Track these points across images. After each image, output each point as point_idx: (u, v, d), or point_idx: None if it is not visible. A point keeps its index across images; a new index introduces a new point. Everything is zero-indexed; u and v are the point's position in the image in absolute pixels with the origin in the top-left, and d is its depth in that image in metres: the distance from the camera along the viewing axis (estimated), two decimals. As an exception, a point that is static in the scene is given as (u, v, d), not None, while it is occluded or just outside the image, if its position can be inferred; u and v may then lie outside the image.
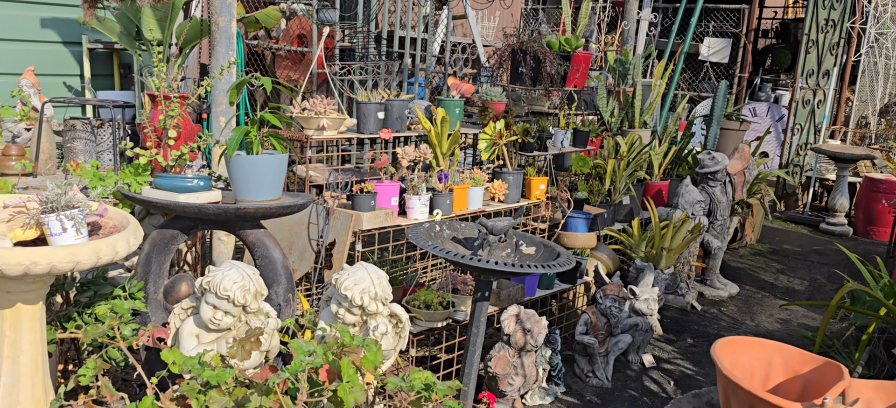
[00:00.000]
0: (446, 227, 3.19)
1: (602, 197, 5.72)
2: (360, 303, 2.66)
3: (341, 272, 2.72)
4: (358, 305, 2.66)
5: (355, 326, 2.76)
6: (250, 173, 2.77)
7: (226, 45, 3.65)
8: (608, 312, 4.09)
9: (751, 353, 2.98)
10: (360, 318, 2.74)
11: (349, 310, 2.70)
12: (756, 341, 3.03)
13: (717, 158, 5.79)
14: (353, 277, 2.68)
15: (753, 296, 6.07)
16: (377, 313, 2.72)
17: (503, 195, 4.36)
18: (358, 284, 2.67)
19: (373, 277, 2.71)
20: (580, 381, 4.15)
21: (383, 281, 2.73)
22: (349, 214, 3.45)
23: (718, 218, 5.90)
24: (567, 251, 3.05)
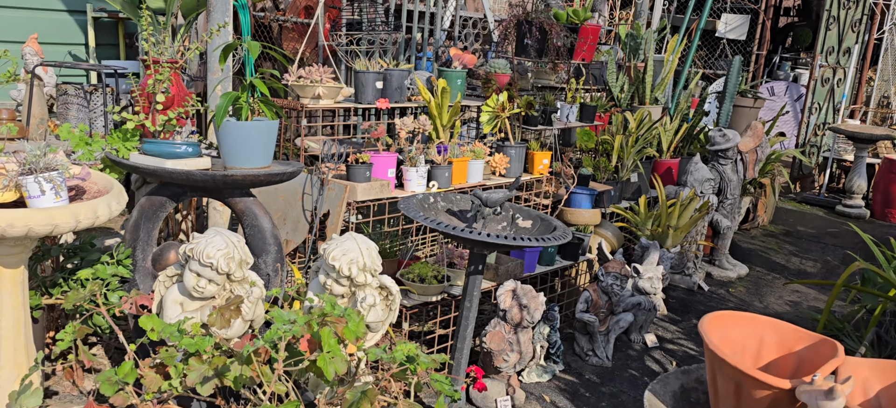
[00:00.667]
0: (440, 199, 3.12)
1: (609, 174, 5.62)
2: (348, 273, 2.60)
3: (330, 242, 2.66)
4: (346, 275, 2.61)
5: (344, 297, 2.71)
6: (239, 140, 2.72)
7: (221, 11, 3.58)
8: (610, 289, 4.01)
9: (742, 328, 2.89)
10: (349, 289, 2.69)
11: (337, 281, 2.65)
12: (747, 316, 2.94)
13: (728, 136, 5.66)
14: (341, 247, 2.63)
15: (763, 277, 5.96)
16: (365, 284, 2.67)
17: (504, 169, 4.28)
18: (346, 255, 2.61)
19: (361, 247, 2.65)
20: (580, 359, 4.09)
21: (372, 252, 2.67)
22: (344, 185, 3.39)
23: (728, 197, 5.78)
24: (564, 226, 2.97)
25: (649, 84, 6.59)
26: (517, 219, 3.13)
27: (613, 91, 6.65)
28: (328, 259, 2.61)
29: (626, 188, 5.84)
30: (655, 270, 4.40)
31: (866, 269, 3.77)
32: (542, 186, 4.72)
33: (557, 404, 3.56)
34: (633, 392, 3.77)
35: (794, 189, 9.85)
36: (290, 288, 2.70)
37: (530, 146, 4.57)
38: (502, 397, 3.40)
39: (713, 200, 5.54)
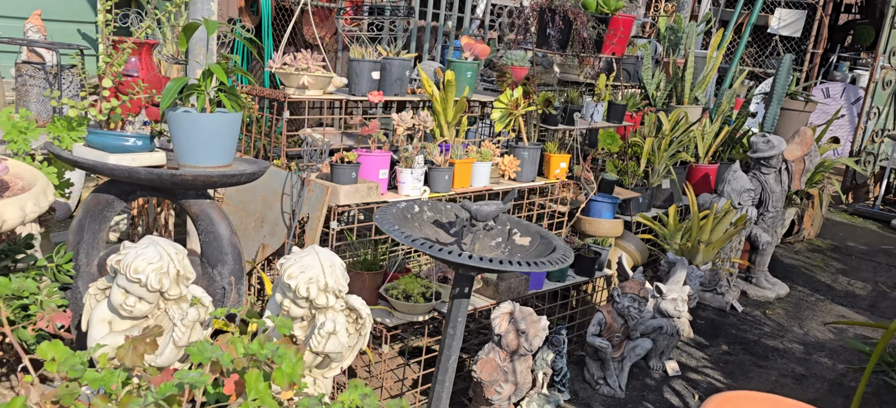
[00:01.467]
0: (428, 207, 2.75)
1: (638, 180, 5.16)
2: (306, 294, 2.26)
3: (287, 257, 2.32)
4: (303, 296, 2.26)
5: (303, 320, 2.36)
6: (192, 134, 2.39)
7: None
8: (625, 312, 3.59)
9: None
10: (309, 311, 2.34)
11: (295, 301, 2.30)
12: (765, 398, 2.45)
13: (772, 142, 5.15)
14: (299, 264, 2.28)
15: (805, 299, 5.43)
16: (327, 306, 2.32)
17: (514, 173, 3.88)
18: (304, 272, 2.26)
19: (324, 263, 2.30)
20: (589, 388, 3.68)
21: (337, 269, 2.32)
22: (325, 187, 3.04)
23: (770, 210, 5.27)
24: (566, 247, 2.57)
25: (689, 82, 6.08)
26: (514, 235, 2.74)
27: (648, 89, 6.16)
28: (284, 277, 2.26)
29: (656, 196, 5.38)
30: (681, 291, 3.95)
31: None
32: (558, 191, 4.30)
33: (557, 442, 3.17)
34: (647, 430, 3.35)
35: (846, 200, 9.18)
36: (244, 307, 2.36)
37: (547, 148, 4.16)
38: (494, 432, 3.02)
39: (752, 213, 5.04)
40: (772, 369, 4.15)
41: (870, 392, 3.98)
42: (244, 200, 3.31)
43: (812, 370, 4.19)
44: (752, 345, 4.45)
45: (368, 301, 3.11)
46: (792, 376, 4.10)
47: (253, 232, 3.25)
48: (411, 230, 2.62)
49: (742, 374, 4.04)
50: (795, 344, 4.54)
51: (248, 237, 3.26)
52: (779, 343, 4.52)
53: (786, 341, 4.58)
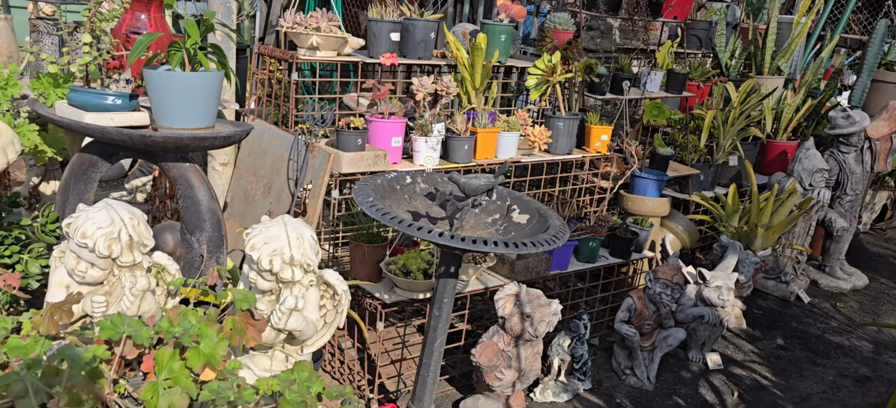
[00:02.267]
0: (422, 179, 2.56)
1: (700, 156, 4.76)
2: (269, 267, 2.13)
3: (254, 226, 2.20)
4: (266, 269, 2.14)
5: (272, 294, 2.25)
6: (166, 94, 2.30)
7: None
8: (657, 299, 3.30)
9: None
10: (276, 284, 2.22)
11: (260, 274, 2.18)
12: None
13: (853, 118, 4.62)
14: (263, 234, 2.15)
15: (887, 293, 4.90)
16: (293, 281, 2.18)
17: (545, 144, 3.62)
18: (268, 244, 2.14)
19: (291, 235, 2.16)
20: (616, 377, 3.42)
21: (305, 242, 2.18)
22: (328, 154, 2.91)
23: (848, 192, 4.75)
24: (561, 228, 2.33)
25: (770, 50, 5.55)
26: (513, 211, 2.52)
27: (721, 57, 5.67)
28: (247, 248, 2.15)
29: (721, 174, 4.96)
30: (727, 278, 3.61)
31: None
32: (602, 165, 4.01)
33: (567, 435, 2.95)
34: (672, 429, 3.08)
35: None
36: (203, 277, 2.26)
37: (588, 118, 3.87)
38: (495, 419, 2.84)
39: (824, 196, 4.55)
40: (830, 368, 3.74)
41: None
42: (255, 165, 3.23)
43: (878, 372, 3.75)
44: (813, 340, 4.03)
45: (368, 276, 2.98)
46: (853, 377, 3.68)
47: (261, 198, 3.17)
48: (397, 204, 2.45)
49: (795, 372, 3.66)
50: (864, 342, 4.09)
51: (256, 203, 3.19)
52: (845, 340, 4.08)
53: (854, 338, 4.13)
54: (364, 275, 2.97)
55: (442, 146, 3.31)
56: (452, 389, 3.15)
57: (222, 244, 2.47)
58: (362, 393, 2.98)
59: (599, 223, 3.54)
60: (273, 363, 2.33)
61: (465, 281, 3.07)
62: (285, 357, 2.35)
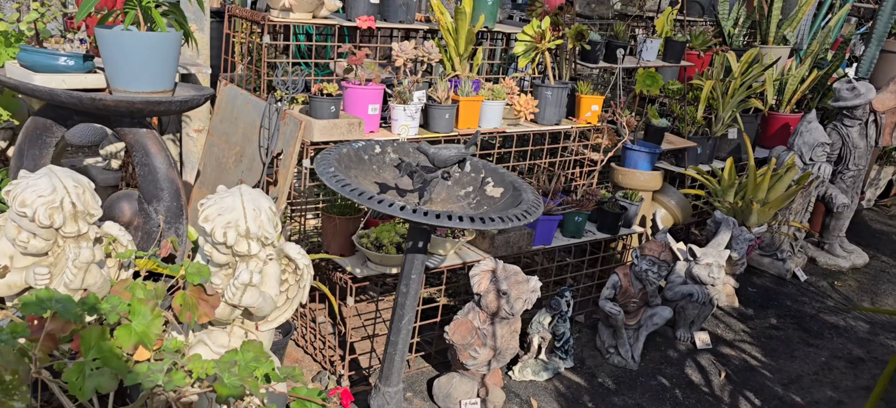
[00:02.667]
0: (392, 149, 2.44)
1: (698, 127, 4.61)
2: (223, 240, 2.03)
3: (208, 197, 2.09)
4: (221, 242, 2.04)
5: (229, 267, 2.15)
6: (121, 55, 2.18)
7: None
8: (643, 276, 3.19)
9: None
10: (233, 258, 2.12)
11: (215, 247, 2.08)
12: None
13: (858, 89, 4.45)
14: (217, 205, 2.05)
15: (887, 271, 4.77)
16: (249, 254, 2.08)
17: (532, 114, 3.49)
18: (222, 215, 2.03)
19: (248, 207, 2.06)
20: (599, 356, 3.32)
21: (262, 214, 2.07)
22: (299, 121, 2.79)
23: (850, 167, 4.60)
24: (535, 203, 2.21)
25: (776, 18, 5.37)
26: (487, 184, 2.40)
27: (724, 25, 5.50)
28: (200, 220, 2.04)
29: (720, 147, 4.81)
30: (718, 256, 3.49)
31: None
32: (592, 136, 3.87)
33: (545, 415, 2.86)
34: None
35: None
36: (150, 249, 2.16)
37: (578, 88, 3.72)
38: (470, 399, 2.75)
39: (825, 171, 4.40)
40: (823, 349, 3.63)
41: (941, 387, 3.41)
42: (227, 132, 3.12)
43: (873, 353, 3.64)
44: (808, 320, 3.92)
45: (341, 249, 2.88)
46: (846, 358, 3.57)
47: (233, 166, 3.06)
48: (364, 175, 2.33)
49: (786, 352, 3.56)
50: (860, 322, 3.97)
51: (228, 172, 3.08)
52: (840, 320, 3.96)
53: (850, 318, 4.01)
54: (336, 248, 2.86)
55: (423, 115, 3.19)
56: (429, 366, 3.06)
57: (182, 215, 2.37)
58: (334, 369, 2.90)
59: (586, 197, 3.41)
60: (231, 340, 2.23)
61: (442, 255, 2.96)
62: (245, 333, 2.25)
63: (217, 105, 3.17)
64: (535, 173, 3.89)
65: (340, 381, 2.84)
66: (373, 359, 3.03)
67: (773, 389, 3.23)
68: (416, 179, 2.24)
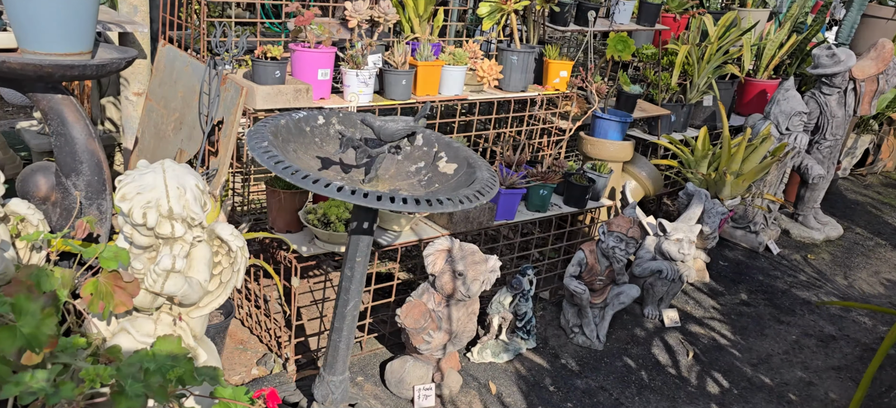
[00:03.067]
0: (337, 120, 2.24)
1: (672, 94, 4.45)
2: (143, 221, 1.83)
3: (127, 173, 1.89)
4: (140, 223, 1.84)
5: (153, 250, 1.95)
6: (24, 10, 1.94)
7: None
8: (610, 253, 3.04)
9: None
10: (156, 241, 1.92)
11: (135, 229, 1.88)
12: None
13: (838, 57, 4.30)
14: (136, 183, 1.85)
15: (861, 243, 4.68)
16: (173, 237, 1.89)
17: (496, 80, 3.29)
18: (141, 194, 1.83)
19: (170, 184, 1.86)
20: (563, 335, 3.19)
21: (188, 193, 1.88)
22: (240, 86, 2.57)
23: (827, 137, 4.47)
24: (490, 178, 2.03)
25: (755, -20, 5.19)
26: (440, 159, 2.22)
27: (702, -14, 5.30)
28: (117, 198, 1.84)
29: (694, 114, 4.66)
30: (689, 231, 3.35)
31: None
32: (561, 104, 3.69)
33: (503, 400, 2.72)
34: (618, 392, 2.86)
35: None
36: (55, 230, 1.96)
37: (546, 52, 3.53)
38: (424, 385, 2.60)
39: (802, 141, 4.27)
40: (795, 326, 3.53)
41: (912, 366, 3.33)
42: (166, 96, 2.89)
43: (845, 331, 3.55)
44: (779, 296, 3.81)
45: (287, 225, 2.69)
46: (818, 336, 3.47)
47: (172, 134, 2.85)
48: (305, 149, 2.14)
49: (756, 330, 3.45)
50: (834, 297, 3.88)
51: (167, 140, 2.86)
52: (813, 295, 3.86)
53: (822, 293, 3.91)
54: (282, 224, 2.67)
55: (378, 81, 2.99)
56: (382, 347, 2.91)
57: (104, 190, 2.16)
58: (281, 351, 2.73)
59: (552, 169, 3.24)
60: (158, 327, 2.05)
61: (396, 231, 2.79)
62: (173, 321, 2.07)
63: (155, 67, 2.94)
64: (501, 143, 3.71)
65: (286, 365, 2.68)
66: (323, 340, 2.87)
67: (741, 369, 3.12)
68: (360, 154, 2.05)
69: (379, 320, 3.02)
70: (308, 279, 3.27)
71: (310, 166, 2.08)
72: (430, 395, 2.59)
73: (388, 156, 2.17)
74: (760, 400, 2.92)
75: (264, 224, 2.82)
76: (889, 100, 5.52)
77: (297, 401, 2.49)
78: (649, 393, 2.88)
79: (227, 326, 2.59)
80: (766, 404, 2.90)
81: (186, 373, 1.54)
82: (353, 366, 2.77)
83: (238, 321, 2.93)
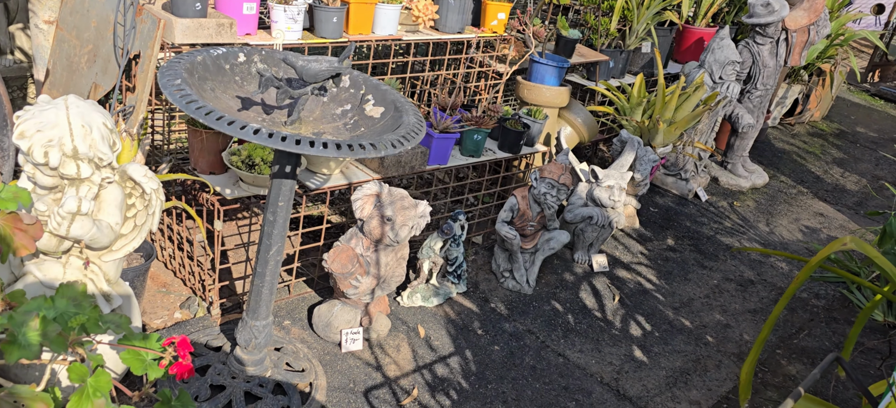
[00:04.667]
0: (260, 58, 2.15)
1: (610, 39, 4.45)
2: (45, 161, 1.74)
3: (26, 109, 1.77)
4: (42, 163, 1.74)
5: (59, 191, 1.85)
6: None
7: None
8: (542, 199, 3.05)
9: None
10: (61, 181, 1.82)
11: (38, 168, 1.78)
12: None
13: (773, 6, 4.35)
14: (37, 119, 1.74)
15: (785, 191, 4.84)
16: (79, 178, 1.80)
17: (432, 21, 3.21)
18: (43, 132, 1.73)
19: (74, 122, 1.76)
20: (494, 280, 3.21)
21: (94, 131, 1.78)
22: (157, 19, 2.43)
23: (758, 87, 4.56)
24: (416, 123, 1.99)
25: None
26: (367, 101, 2.16)
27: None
28: (14, 136, 1.73)
29: (633, 61, 4.68)
30: (620, 178, 3.39)
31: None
32: (499, 47, 3.64)
33: (431, 343, 2.74)
34: (545, 335, 2.91)
35: (871, 79, 8.31)
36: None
37: (484, -8, 3.45)
38: (351, 329, 2.59)
39: (734, 90, 4.35)
40: (717, 271, 3.65)
41: (820, 306, 3.49)
42: (78, 26, 2.72)
43: (763, 276, 3.69)
44: (705, 241, 3.93)
45: (210, 166, 2.60)
46: (738, 281, 3.60)
47: (86, 67, 2.69)
48: (224, 88, 2.04)
49: (680, 275, 3.55)
50: (755, 243, 4.02)
51: (80, 73, 2.70)
52: (735, 241, 3.99)
53: (745, 239, 4.05)
54: (205, 165, 2.58)
55: (308, 17, 2.87)
56: (311, 291, 2.87)
57: (5, 125, 2.03)
58: (205, 294, 2.67)
59: (487, 114, 3.21)
60: (67, 272, 1.97)
61: (325, 175, 2.73)
62: (83, 264, 1.99)
63: (67, -5, 2.75)
64: (437, 86, 3.65)
65: (210, 308, 2.62)
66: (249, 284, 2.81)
67: (664, 313, 3.22)
68: (281, 95, 1.97)
69: (308, 263, 2.98)
70: (235, 221, 3.20)
71: (229, 107, 1.99)
72: (358, 338, 2.59)
73: (312, 97, 2.10)
74: (679, 342, 3.02)
75: (188, 165, 2.72)
76: (819, 51, 5.65)
77: (221, 345, 2.45)
78: (574, 336, 2.94)
79: (148, 268, 2.51)
80: (684, 345, 3.01)
81: (90, 321, 1.48)
82: (280, 309, 2.74)
83: (161, 264, 2.85)
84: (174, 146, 3.09)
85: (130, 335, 1.53)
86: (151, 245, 2.57)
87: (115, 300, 2.05)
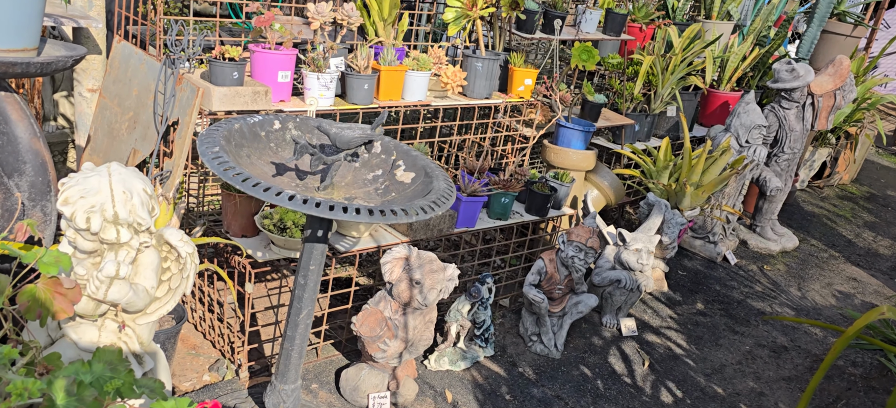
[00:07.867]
0: (294, 125, 2.21)
1: (636, 104, 4.49)
2: (86, 226, 1.78)
3: (70, 176, 1.83)
4: (84, 228, 1.79)
5: (98, 255, 1.90)
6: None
7: None
8: (569, 263, 3.05)
9: None
10: (101, 246, 1.87)
11: (79, 234, 1.83)
12: None
13: (798, 72, 4.37)
14: (80, 186, 1.79)
15: (816, 255, 4.77)
16: (118, 242, 1.84)
17: (460, 87, 3.28)
18: (85, 198, 1.78)
19: (116, 188, 1.81)
20: (522, 343, 3.19)
21: (134, 197, 1.83)
22: (196, 87, 2.52)
23: (786, 151, 4.55)
24: (446, 188, 2.02)
25: (720, -7, 5.25)
26: (398, 167, 2.20)
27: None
28: (59, 202, 1.79)
29: (658, 124, 4.71)
30: (648, 241, 3.38)
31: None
32: (525, 112, 3.69)
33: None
34: (574, 401, 2.87)
35: (898, 142, 8.24)
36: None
37: (511, 60, 3.52)
38: (379, 393, 2.58)
39: (761, 154, 4.34)
40: (748, 336, 3.59)
41: (858, 375, 3.40)
42: (120, 94, 2.82)
43: (797, 342, 3.61)
44: (735, 306, 3.87)
45: (243, 229, 2.65)
46: (770, 347, 3.53)
47: (126, 134, 2.78)
48: (259, 154, 2.10)
49: (711, 340, 3.49)
50: (787, 308, 3.95)
51: (121, 139, 2.79)
52: (767, 306, 3.93)
53: (776, 303, 3.98)
54: (238, 228, 2.63)
55: (340, 84, 2.95)
56: (339, 354, 2.88)
57: (49, 191, 2.10)
58: (234, 357, 2.68)
59: (514, 177, 3.24)
60: (102, 335, 2.00)
61: (355, 238, 2.76)
62: (118, 327, 2.02)
63: (109, 64, 2.86)
64: (464, 149, 3.70)
65: (239, 371, 2.63)
66: (278, 346, 2.82)
67: (695, 379, 3.16)
68: (314, 161, 2.02)
69: (336, 326, 2.99)
70: (265, 283, 3.23)
71: (264, 173, 2.05)
72: (385, 403, 2.57)
73: (345, 163, 2.14)
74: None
75: (220, 227, 2.77)
76: (846, 114, 5.64)
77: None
78: (604, 402, 2.89)
79: (179, 331, 2.53)
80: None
81: (125, 385, 1.50)
82: (307, 373, 2.74)
83: (191, 326, 2.88)
84: (207, 208, 3.15)
85: (163, 399, 1.55)
86: (183, 307, 2.60)
87: (148, 363, 2.07)
